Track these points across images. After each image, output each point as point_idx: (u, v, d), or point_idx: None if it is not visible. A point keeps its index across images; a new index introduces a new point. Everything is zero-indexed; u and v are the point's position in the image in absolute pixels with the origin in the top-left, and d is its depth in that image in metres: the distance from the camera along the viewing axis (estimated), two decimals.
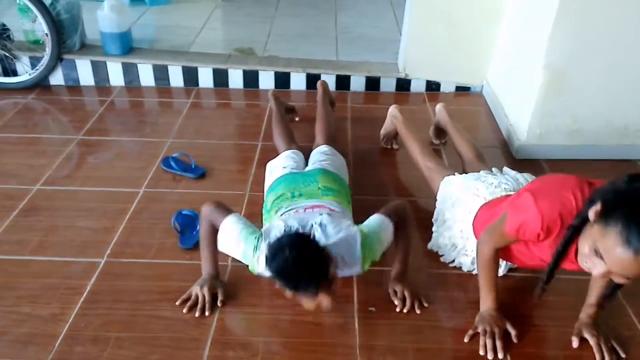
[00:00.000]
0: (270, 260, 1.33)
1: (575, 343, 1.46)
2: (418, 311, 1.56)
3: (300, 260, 1.30)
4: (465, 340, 1.47)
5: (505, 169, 1.79)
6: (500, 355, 1.42)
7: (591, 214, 1.17)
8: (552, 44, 2.07)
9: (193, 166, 2.18)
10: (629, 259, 1.10)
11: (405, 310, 1.55)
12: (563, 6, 1.99)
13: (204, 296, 1.54)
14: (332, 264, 1.37)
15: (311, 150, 2.01)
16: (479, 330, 1.48)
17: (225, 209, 1.57)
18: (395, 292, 1.59)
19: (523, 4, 2.41)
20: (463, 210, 1.68)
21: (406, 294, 1.57)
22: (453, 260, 1.73)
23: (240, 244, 1.47)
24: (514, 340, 1.46)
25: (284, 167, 1.87)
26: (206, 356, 1.42)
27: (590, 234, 1.18)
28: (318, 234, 1.43)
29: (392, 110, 2.27)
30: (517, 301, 1.61)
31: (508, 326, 1.48)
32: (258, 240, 1.45)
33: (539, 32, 2.13)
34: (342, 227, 1.48)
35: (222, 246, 1.54)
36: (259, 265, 1.45)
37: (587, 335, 1.45)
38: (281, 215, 1.58)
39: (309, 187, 1.71)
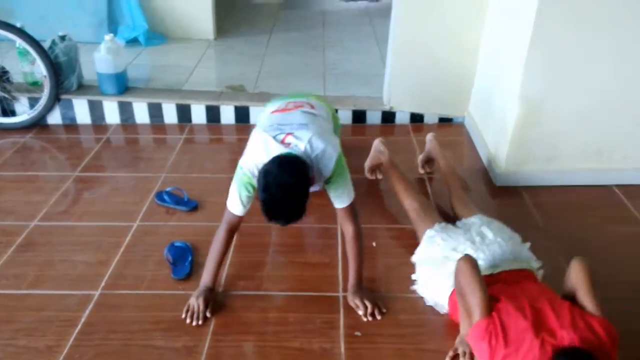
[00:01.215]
0: (260, 189, 1.52)
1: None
2: (379, 317, 1.68)
3: (281, 200, 1.50)
4: None
5: (484, 229, 1.77)
6: None
7: None
8: (527, 75, 2.19)
9: (186, 199, 2.26)
10: None
11: (369, 317, 1.67)
12: (535, 39, 2.11)
13: (198, 306, 1.65)
14: (309, 197, 1.55)
15: None
16: (459, 351, 1.53)
17: None
18: (357, 305, 1.70)
19: (498, 38, 2.54)
20: (443, 276, 1.68)
21: (366, 302, 1.68)
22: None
23: (234, 184, 1.73)
24: None
25: None
26: None
27: None
28: (302, 145, 1.61)
29: (378, 145, 2.35)
30: None
31: None
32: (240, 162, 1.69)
33: (513, 65, 2.25)
34: (327, 138, 1.67)
35: (232, 205, 1.75)
36: (249, 172, 1.66)
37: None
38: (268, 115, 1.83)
39: (300, 94, 2.01)
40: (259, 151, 1.64)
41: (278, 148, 1.61)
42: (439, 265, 1.72)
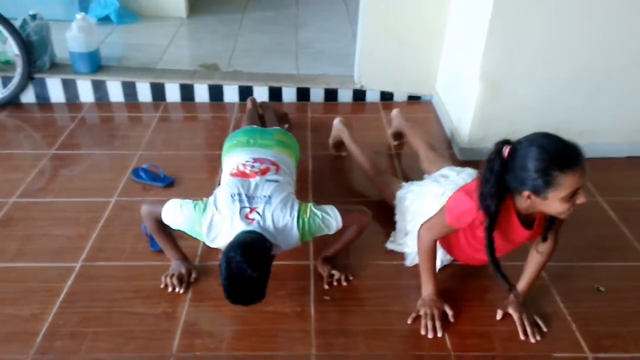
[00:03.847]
0: (222, 275, 1.51)
1: (498, 315, 1.67)
2: (344, 283, 1.79)
3: (243, 289, 1.52)
4: (409, 322, 1.66)
5: (448, 171, 1.94)
6: (439, 334, 1.61)
7: (526, 200, 1.41)
8: (486, 56, 2.30)
9: (162, 176, 2.33)
10: (581, 171, 1.36)
11: (335, 283, 1.79)
12: (494, 22, 2.22)
13: (180, 273, 1.76)
14: (269, 274, 1.56)
15: None
16: (421, 313, 1.66)
17: (161, 200, 1.73)
18: (324, 271, 1.82)
19: (461, 20, 2.64)
20: (419, 222, 1.79)
21: (333, 272, 1.80)
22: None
23: (183, 211, 1.65)
24: (451, 319, 1.66)
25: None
26: (176, 345, 1.57)
27: (553, 200, 1.38)
28: (263, 222, 1.62)
29: (337, 124, 2.46)
30: (454, 286, 1.81)
31: (446, 307, 1.67)
32: (205, 206, 1.65)
33: (474, 46, 2.36)
34: (286, 209, 1.65)
35: (167, 218, 1.69)
36: (204, 230, 1.63)
37: (511, 311, 1.66)
38: (230, 174, 1.79)
39: (264, 137, 1.99)
40: (224, 220, 1.62)
41: (241, 225, 1.60)
42: (416, 214, 1.87)
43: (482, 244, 1.53)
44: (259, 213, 1.63)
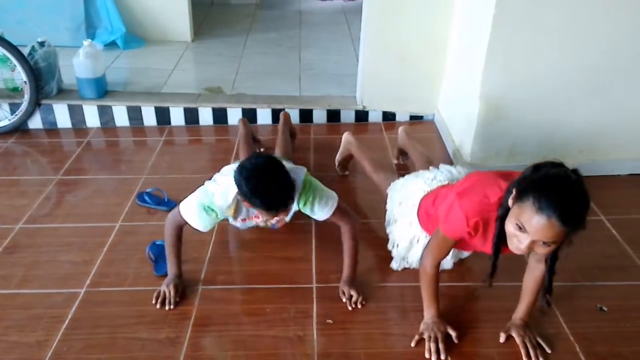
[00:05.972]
0: (245, 182, 1.56)
1: (501, 338, 1.66)
2: (359, 306, 1.80)
3: (275, 183, 1.57)
4: (412, 345, 1.66)
5: (441, 165, 2.02)
6: (442, 357, 1.61)
7: (510, 201, 1.39)
8: (486, 76, 2.32)
9: (166, 200, 2.35)
10: (544, 223, 1.29)
11: (354, 306, 1.79)
12: (493, 42, 2.24)
13: (169, 292, 1.79)
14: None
15: None
16: (424, 336, 1.66)
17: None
18: (344, 293, 1.83)
19: (462, 41, 2.67)
20: (409, 205, 1.90)
21: (353, 293, 1.81)
22: (405, 260, 1.96)
23: (195, 200, 1.77)
24: (455, 340, 1.65)
25: None
26: None
27: (511, 215, 1.38)
28: None
29: (346, 136, 2.51)
30: (456, 308, 1.81)
31: (449, 329, 1.67)
32: (207, 190, 1.75)
33: (474, 66, 2.39)
34: (293, 170, 1.74)
35: (185, 214, 1.78)
36: (217, 203, 1.73)
37: (514, 334, 1.65)
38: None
39: None
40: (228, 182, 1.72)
41: None
42: (405, 198, 1.94)
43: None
44: None
